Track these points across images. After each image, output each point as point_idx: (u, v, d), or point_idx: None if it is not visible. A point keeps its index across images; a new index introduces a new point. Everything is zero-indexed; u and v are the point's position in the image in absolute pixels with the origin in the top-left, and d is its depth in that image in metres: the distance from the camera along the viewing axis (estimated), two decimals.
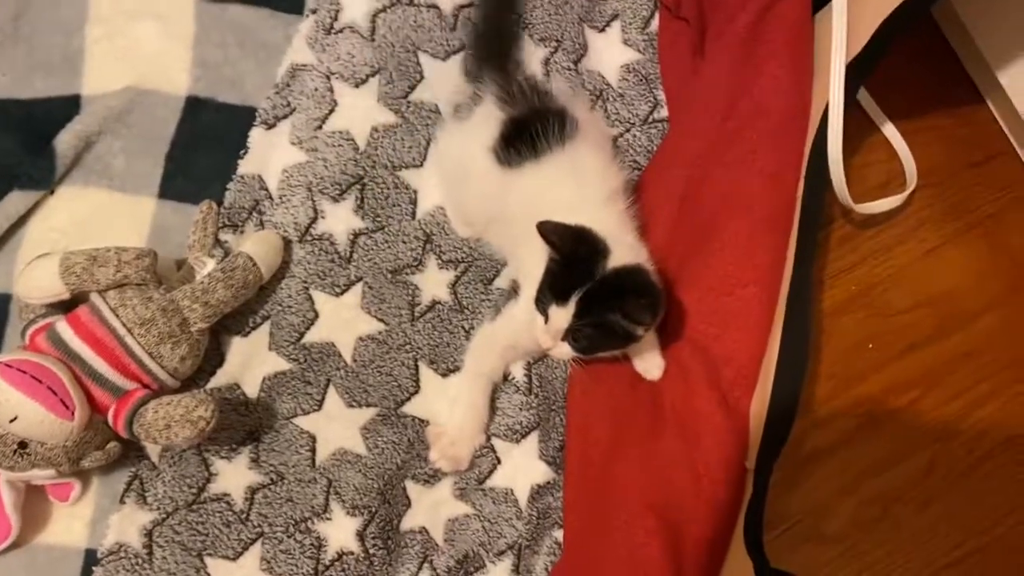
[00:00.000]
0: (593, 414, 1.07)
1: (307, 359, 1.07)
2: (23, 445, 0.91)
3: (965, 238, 1.25)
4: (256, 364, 1.06)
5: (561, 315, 0.93)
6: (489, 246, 1.13)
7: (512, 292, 1.11)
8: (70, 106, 1.11)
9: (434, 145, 1.15)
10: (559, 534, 1.06)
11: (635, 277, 0.95)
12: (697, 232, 1.07)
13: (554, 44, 1.22)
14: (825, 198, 1.07)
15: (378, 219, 1.13)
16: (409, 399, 1.08)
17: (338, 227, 1.12)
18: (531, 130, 1.01)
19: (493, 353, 1.07)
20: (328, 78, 1.16)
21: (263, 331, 1.08)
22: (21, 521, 0.95)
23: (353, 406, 1.07)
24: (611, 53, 1.25)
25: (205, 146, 1.12)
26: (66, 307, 0.99)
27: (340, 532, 1.02)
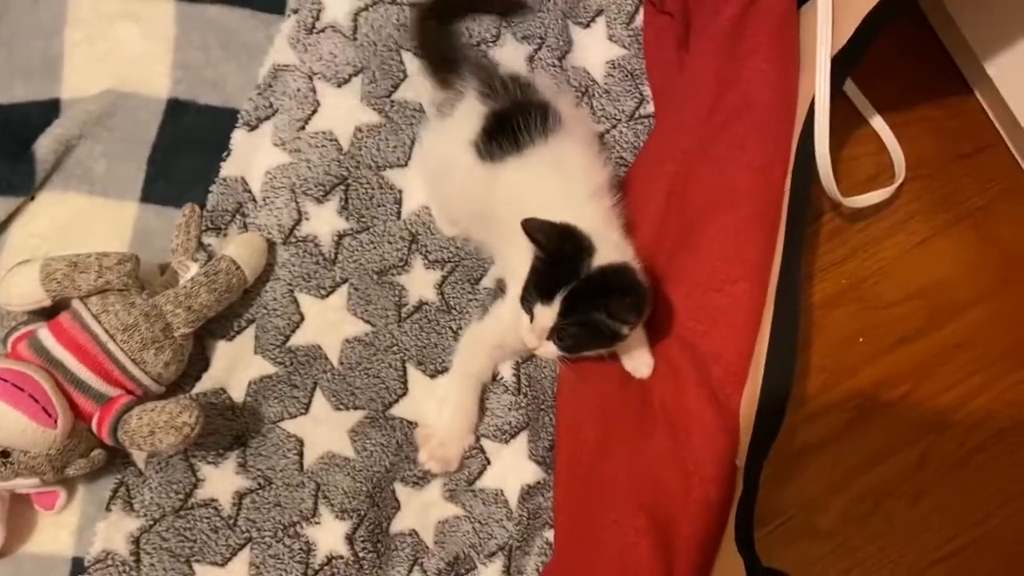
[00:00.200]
0: (582, 413, 1.07)
1: (293, 362, 1.07)
2: (5, 454, 0.90)
3: (955, 230, 1.24)
4: (241, 368, 1.06)
5: (546, 314, 0.92)
6: (475, 245, 1.13)
7: (499, 291, 1.11)
8: (49, 110, 1.10)
9: (418, 144, 1.15)
10: (550, 534, 1.05)
11: (621, 276, 0.94)
12: (685, 228, 1.06)
13: (538, 41, 1.21)
14: (813, 192, 1.07)
15: (363, 220, 1.12)
16: (397, 401, 1.08)
17: (322, 228, 1.11)
18: (513, 123, 1.00)
19: (481, 353, 1.06)
20: (310, 78, 1.15)
21: (248, 335, 1.07)
22: (6, 531, 0.95)
23: (340, 409, 1.06)
24: (596, 49, 1.24)
25: (187, 149, 1.11)
26: (48, 314, 0.98)
27: (329, 536, 1.02)
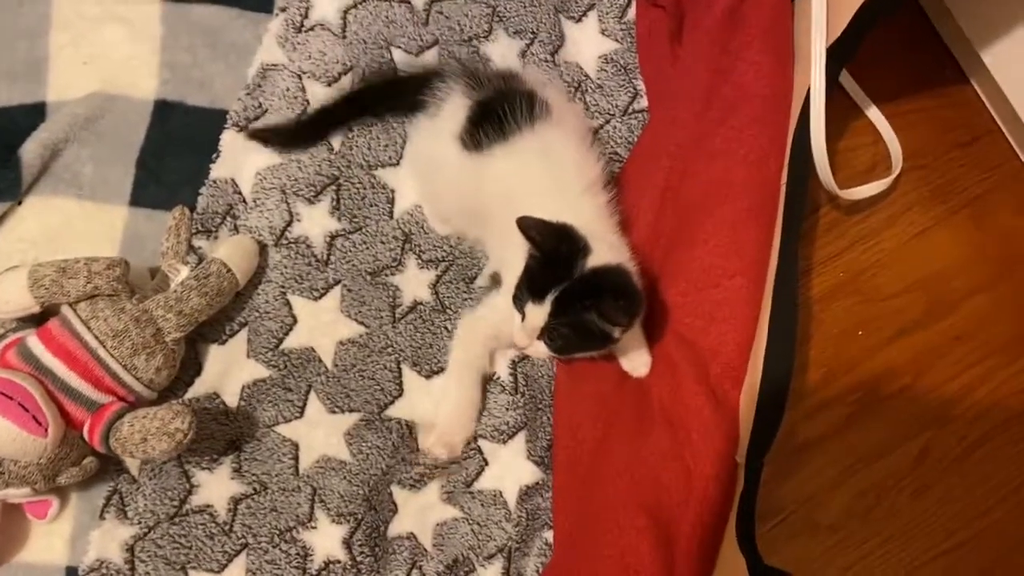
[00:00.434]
0: (580, 413, 1.06)
1: (287, 365, 1.05)
2: None
3: (953, 220, 1.23)
4: (235, 372, 1.05)
5: (537, 313, 0.91)
6: (469, 243, 1.12)
7: (493, 282, 1.09)
8: (35, 114, 1.08)
9: (408, 143, 1.13)
10: (549, 535, 1.04)
11: (613, 277, 0.93)
12: (680, 223, 1.05)
13: (530, 36, 1.20)
14: (810, 185, 1.05)
15: (355, 220, 1.11)
16: (393, 402, 1.06)
17: (314, 229, 1.10)
18: (498, 110, 0.98)
19: (477, 342, 1.05)
20: (299, 77, 1.14)
21: (241, 338, 1.06)
22: None
23: (335, 412, 1.05)
24: (588, 44, 1.23)
25: (176, 151, 1.10)
26: (37, 320, 0.97)
27: (326, 540, 1.01)
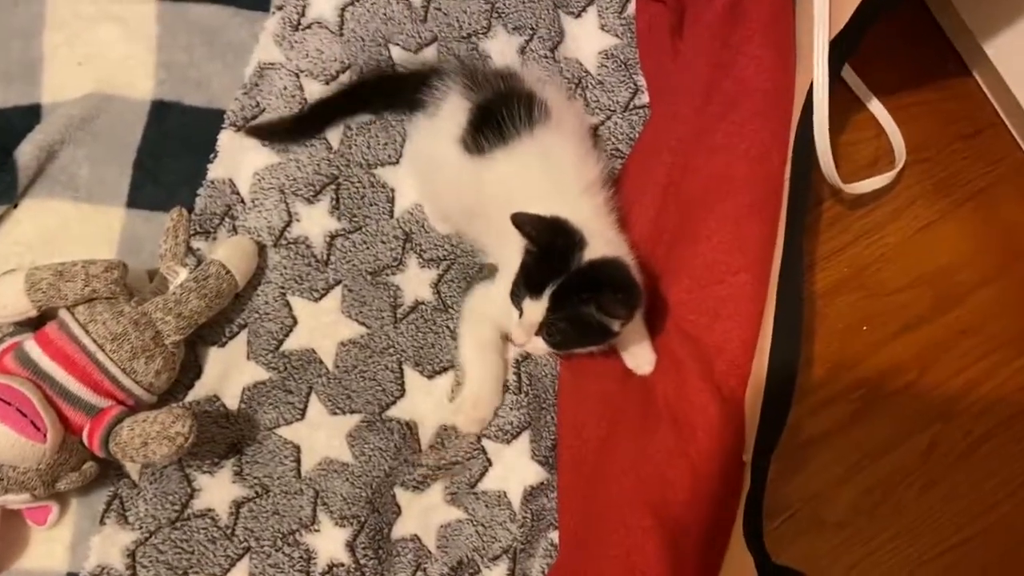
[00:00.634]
0: (584, 411, 1.05)
1: (287, 367, 1.04)
2: None
3: (957, 213, 1.23)
4: (235, 374, 1.04)
5: (535, 309, 0.90)
6: (470, 242, 1.10)
7: (489, 272, 1.08)
8: (30, 116, 1.07)
9: (408, 142, 1.12)
10: (554, 535, 1.03)
11: (611, 270, 0.92)
12: (683, 219, 1.04)
13: (529, 32, 1.19)
14: (813, 179, 1.05)
15: (355, 219, 1.10)
16: (394, 403, 1.05)
17: (314, 229, 1.09)
18: (497, 115, 0.97)
19: (484, 319, 1.04)
20: (297, 76, 1.13)
21: (240, 340, 1.05)
22: None
23: (337, 413, 1.04)
24: (588, 39, 1.22)
25: (173, 151, 1.09)
26: (34, 324, 0.96)
27: (329, 543, 1.00)
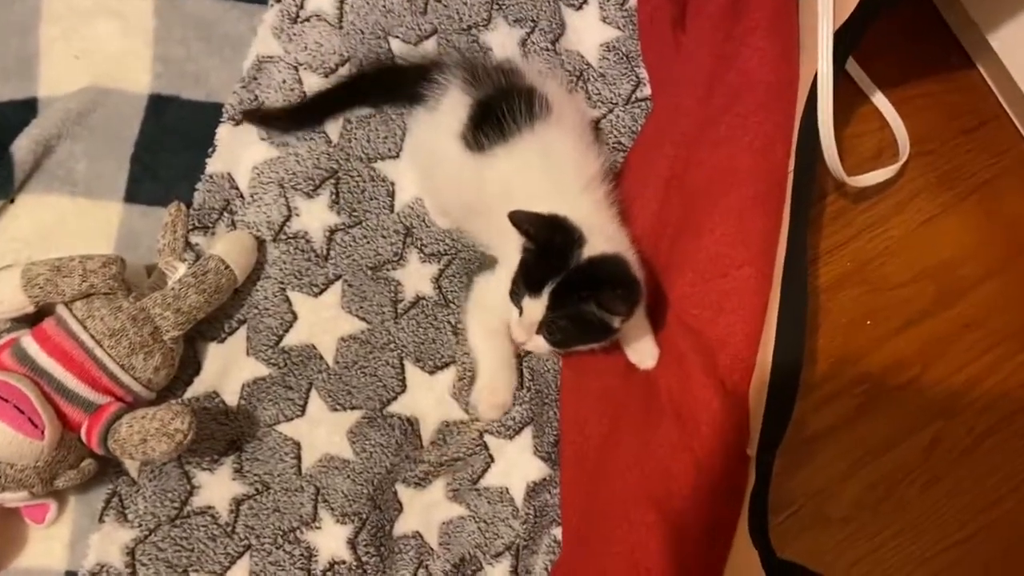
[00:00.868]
0: (587, 407, 1.04)
1: (287, 363, 1.04)
2: None
3: (961, 207, 1.22)
4: (234, 371, 1.03)
5: (535, 307, 0.90)
6: (470, 237, 1.10)
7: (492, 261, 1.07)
8: (26, 110, 1.06)
9: (408, 137, 1.12)
10: (558, 532, 1.03)
11: (610, 267, 0.91)
12: (686, 212, 1.03)
13: (530, 24, 1.18)
14: (817, 172, 1.04)
15: (355, 214, 1.09)
16: (395, 398, 1.05)
17: (313, 224, 1.08)
18: (497, 111, 0.97)
19: (490, 306, 1.02)
20: (296, 69, 1.12)
21: (240, 336, 1.04)
22: None
23: (337, 409, 1.03)
24: (590, 32, 1.21)
25: (171, 146, 1.08)
26: (31, 320, 0.95)
27: (331, 541, 0.99)
